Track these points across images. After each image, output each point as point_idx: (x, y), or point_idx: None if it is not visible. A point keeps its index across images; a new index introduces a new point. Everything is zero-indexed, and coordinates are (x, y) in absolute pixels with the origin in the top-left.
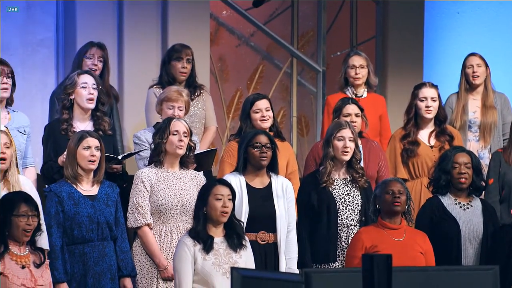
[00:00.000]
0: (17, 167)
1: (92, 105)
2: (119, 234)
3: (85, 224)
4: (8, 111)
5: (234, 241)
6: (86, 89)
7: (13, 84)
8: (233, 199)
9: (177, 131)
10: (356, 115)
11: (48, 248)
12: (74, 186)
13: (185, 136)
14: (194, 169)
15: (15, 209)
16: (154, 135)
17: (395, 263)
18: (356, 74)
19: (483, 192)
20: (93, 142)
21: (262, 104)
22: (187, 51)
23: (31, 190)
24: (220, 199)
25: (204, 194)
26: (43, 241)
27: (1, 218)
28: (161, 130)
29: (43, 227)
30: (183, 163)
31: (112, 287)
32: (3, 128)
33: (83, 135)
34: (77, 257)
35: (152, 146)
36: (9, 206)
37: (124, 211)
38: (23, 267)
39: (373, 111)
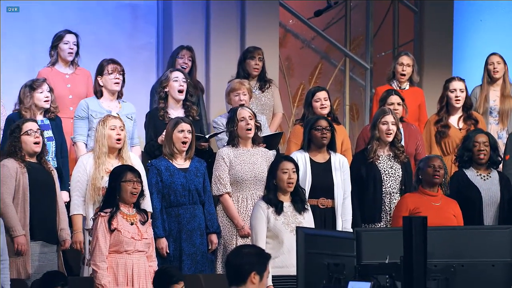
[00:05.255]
0: None
1: (182, 96)
2: (206, 199)
3: (179, 191)
4: (119, 102)
5: (299, 205)
6: (177, 82)
7: (123, 80)
8: (297, 171)
9: (243, 117)
10: (398, 104)
11: (151, 210)
12: (170, 161)
13: (251, 119)
14: (265, 148)
15: (123, 177)
16: (227, 124)
17: (434, 223)
18: (403, 70)
19: (501, 166)
20: (186, 126)
21: (322, 94)
22: (259, 51)
23: (139, 165)
24: (286, 172)
25: (273, 169)
26: (146, 205)
27: (113, 185)
28: (231, 119)
29: (146, 192)
30: (254, 141)
31: (201, 242)
32: (115, 115)
33: (178, 120)
34: (173, 217)
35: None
36: (118, 175)
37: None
38: (131, 223)
39: (413, 101)
